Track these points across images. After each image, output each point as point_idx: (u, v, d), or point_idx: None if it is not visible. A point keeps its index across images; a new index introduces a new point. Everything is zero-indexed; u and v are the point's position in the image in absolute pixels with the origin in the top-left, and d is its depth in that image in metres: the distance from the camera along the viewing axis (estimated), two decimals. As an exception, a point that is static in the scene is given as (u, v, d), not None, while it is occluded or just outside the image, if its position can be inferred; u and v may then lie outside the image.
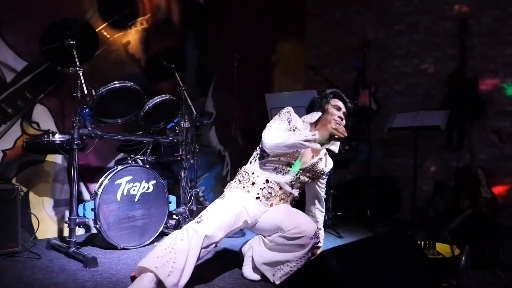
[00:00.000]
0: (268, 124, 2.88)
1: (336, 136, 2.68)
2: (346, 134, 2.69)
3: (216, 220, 2.59)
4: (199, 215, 2.64)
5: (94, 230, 3.92)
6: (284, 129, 2.81)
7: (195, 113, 4.23)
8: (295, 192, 2.99)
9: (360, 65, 5.88)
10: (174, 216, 4.21)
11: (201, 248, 2.50)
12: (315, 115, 2.97)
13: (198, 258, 2.52)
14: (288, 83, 6.62)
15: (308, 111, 3.08)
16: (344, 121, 2.94)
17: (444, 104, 5.52)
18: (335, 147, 2.99)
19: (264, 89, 5.80)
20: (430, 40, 5.90)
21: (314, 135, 2.67)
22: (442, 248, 3.09)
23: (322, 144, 2.78)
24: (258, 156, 2.98)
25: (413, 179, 5.02)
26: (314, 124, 2.96)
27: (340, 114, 2.93)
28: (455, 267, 2.52)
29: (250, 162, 3.01)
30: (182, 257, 2.42)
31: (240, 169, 3.01)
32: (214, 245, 2.59)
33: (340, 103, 2.97)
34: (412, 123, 4.95)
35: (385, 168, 6.06)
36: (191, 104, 4.19)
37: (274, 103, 4.62)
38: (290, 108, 2.95)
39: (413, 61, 6.03)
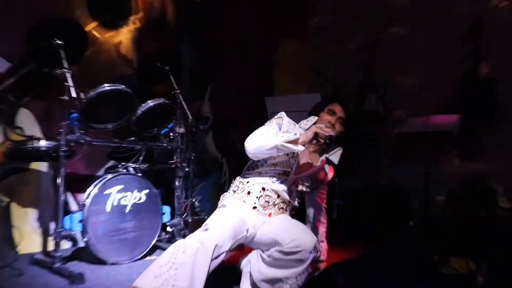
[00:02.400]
0: (257, 130, 2.85)
1: (319, 136, 2.66)
2: (331, 133, 2.67)
3: (224, 229, 2.54)
4: (204, 224, 2.57)
5: (81, 244, 3.88)
6: (271, 133, 2.77)
7: (190, 117, 4.22)
8: (294, 201, 2.96)
9: (365, 66, 5.83)
10: (168, 228, 4.18)
11: (211, 260, 2.39)
12: (311, 121, 2.97)
13: (209, 272, 2.39)
14: (291, 86, 6.59)
15: (309, 116, 3.09)
16: (337, 127, 2.91)
17: (457, 108, 5.48)
18: (335, 157, 2.98)
19: (265, 92, 5.78)
20: (442, 40, 5.86)
21: (296, 134, 2.66)
22: (457, 263, 3.04)
23: (322, 153, 2.75)
24: (252, 165, 2.97)
25: (424, 188, 4.97)
26: None
27: (331, 119, 2.91)
28: (471, 284, 2.48)
29: (245, 172, 2.99)
30: (185, 273, 2.29)
31: (234, 180, 2.98)
32: (224, 254, 2.52)
33: (337, 108, 2.96)
34: (423, 128, 4.92)
35: (393, 177, 6.00)
36: (186, 108, 4.19)
37: (275, 107, 4.61)
38: (283, 114, 2.93)
39: (424, 62, 5.99)
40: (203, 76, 5.45)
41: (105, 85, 3.46)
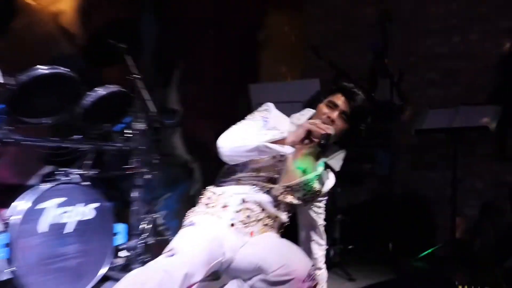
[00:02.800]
0: (235, 124, 2.82)
1: (314, 135, 2.61)
2: (328, 131, 2.62)
3: (195, 253, 2.48)
4: (168, 248, 2.52)
5: (6, 275, 3.78)
6: (253, 130, 2.73)
7: (153, 110, 4.23)
8: (283, 216, 2.93)
9: (378, 45, 5.82)
10: (123, 253, 4.14)
11: None
12: (306, 114, 2.93)
13: None
14: (281, 70, 6.58)
15: (303, 108, 3.06)
16: (338, 123, 2.87)
17: (494, 97, 5.49)
18: (335, 162, 2.94)
19: (248, 77, 5.75)
20: (475, 10, 5.86)
21: (283, 133, 2.61)
22: (494, 295, 3.01)
23: (319, 155, 2.70)
24: (229, 171, 2.92)
25: (451, 199, 4.98)
26: None
27: (332, 114, 2.86)
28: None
29: (219, 179, 2.96)
30: None
31: (205, 190, 2.93)
32: (196, 286, 2.45)
33: (339, 99, 2.91)
34: (450, 123, 4.94)
35: (412, 185, 6.02)
36: (147, 98, 4.20)
37: (261, 97, 4.56)
38: (270, 105, 2.92)
39: (452, 38, 6.00)
40: (170, 57, 5.41)
41: (41, 67, 3.40)
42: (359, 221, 5.40)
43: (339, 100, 2.92)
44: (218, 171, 3.16)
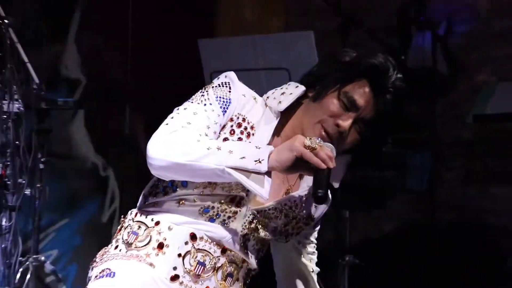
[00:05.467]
0: (174, 112, 2.56)
1: (306, 165, 2.34)
2: (331, 165, 2.35)
3: None
4: None
5: None
6: (202, 126, 2.54)
7: (36, 80, 4.21)
8: (252, 260, 2.74)
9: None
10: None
11: None
12: (293, 92, 2.63)
13: None
14: (252, 16, 6.42)
15: (303, 82, 2.77)
16: (350, 137, 2.61)
17: None
18: (333, 175, 2.67)
19: (198, 30, 5.62)
20: None
21: (260, 161, 2.34)
22: None
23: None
24: (163, 185, 2.67)
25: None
26: (285, 116, 2.71)
27: (344, 118, 2.58)
28: None
29: (146, 199, 2.69)
30: None
31: (124, 217, 2.68)
32: None
33: (363, 97, 2.62)
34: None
35: (467, 207, 5.85)
36: (26, 59, 4.14)
37: (217, 61, 4.41)
38: (232, 76, 2.63)
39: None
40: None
41: None
42: (380, 267, 5.22)
43: (363, 97, 2.64)
44: (147, 182, 2.96)
